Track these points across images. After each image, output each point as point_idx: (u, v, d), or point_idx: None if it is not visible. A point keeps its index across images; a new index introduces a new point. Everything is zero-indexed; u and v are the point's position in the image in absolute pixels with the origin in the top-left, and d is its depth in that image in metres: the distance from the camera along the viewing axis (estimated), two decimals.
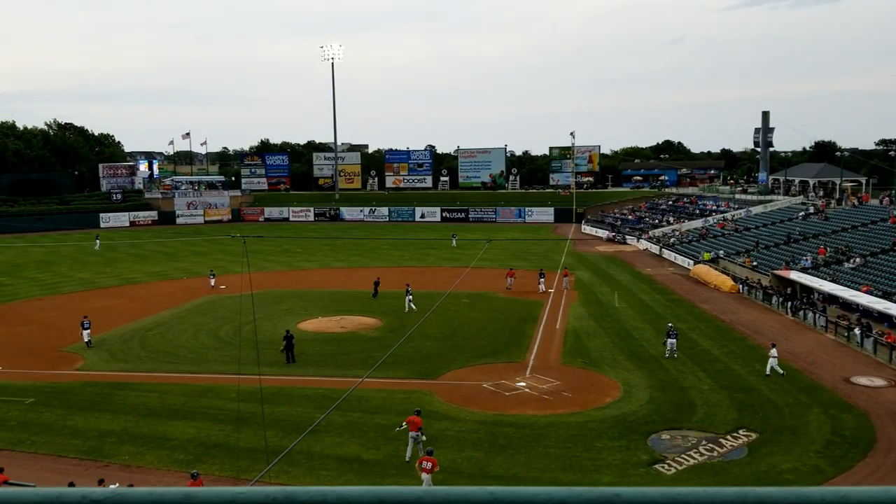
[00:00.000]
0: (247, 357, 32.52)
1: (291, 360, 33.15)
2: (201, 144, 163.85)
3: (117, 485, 18.29)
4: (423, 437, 22.73)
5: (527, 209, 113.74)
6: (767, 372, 30.01)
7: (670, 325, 34.06)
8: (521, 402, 27.64)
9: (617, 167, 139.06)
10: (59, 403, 28.33)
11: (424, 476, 19.79)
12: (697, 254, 63.77)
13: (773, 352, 30.47)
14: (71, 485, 17.95)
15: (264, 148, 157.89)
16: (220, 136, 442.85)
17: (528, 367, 32.49)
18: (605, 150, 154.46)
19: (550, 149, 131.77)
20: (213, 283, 53.59)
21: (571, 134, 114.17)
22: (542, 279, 51.32)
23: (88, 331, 37.14)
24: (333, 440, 23.85)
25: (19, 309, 48.29)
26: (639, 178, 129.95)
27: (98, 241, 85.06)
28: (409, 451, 22.49)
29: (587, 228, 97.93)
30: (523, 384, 29.98)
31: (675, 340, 33.05)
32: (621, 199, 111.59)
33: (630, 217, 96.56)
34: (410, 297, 45.13)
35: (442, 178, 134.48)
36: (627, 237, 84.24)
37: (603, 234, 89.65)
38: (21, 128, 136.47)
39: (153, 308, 47.29)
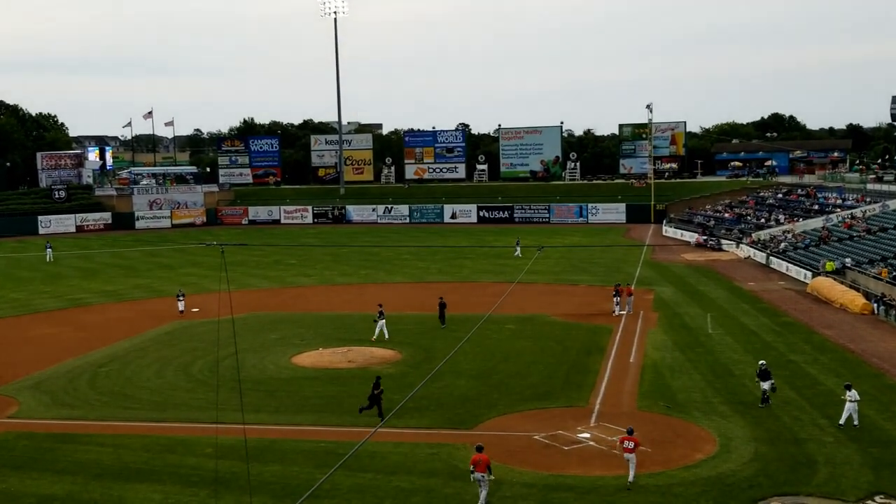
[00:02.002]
0: (227, 401, 32.79)
1: (379, 414, 31.47)
2: (166, 125, 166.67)
3: None
4: (492, 477, 24.11)
5: (590, 206, 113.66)
6: (841, 422, 29.64)
7: (762, 362, 33.63)
8: (584, 460, 27.52)
9: (709, 150, 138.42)
10: None
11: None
12: (817, 263, 63.10)
13: (851, 395, 29.79)
14: None
15: (248, 130, 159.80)
16: (190, 115, 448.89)
17: (593, 414, 32.32)
18: (693, 127, 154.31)
19: (620, 127, 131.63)
20: (181, 308, 54.23)
21: (648, 107, 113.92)
22: (617, 297, 51.30)
23: None
24: None
25: None
26: (738, 163, 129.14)
27: (50, 251, 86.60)
28: (482, 498, 23.77)
29: (670, 230, 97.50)
30: (587, 435, 29.84)
31: (771, 383, 32.53)
32: (715, 192, 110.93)
33: (727, 215, 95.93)
34: (383, 320, 45.49)
35: (479, 167, 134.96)
36: (723, 241, 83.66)
37: (691, 237, 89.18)
38: None
39: (107, 338, 47.97)
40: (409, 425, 30.69)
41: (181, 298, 54.77)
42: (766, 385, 32.42)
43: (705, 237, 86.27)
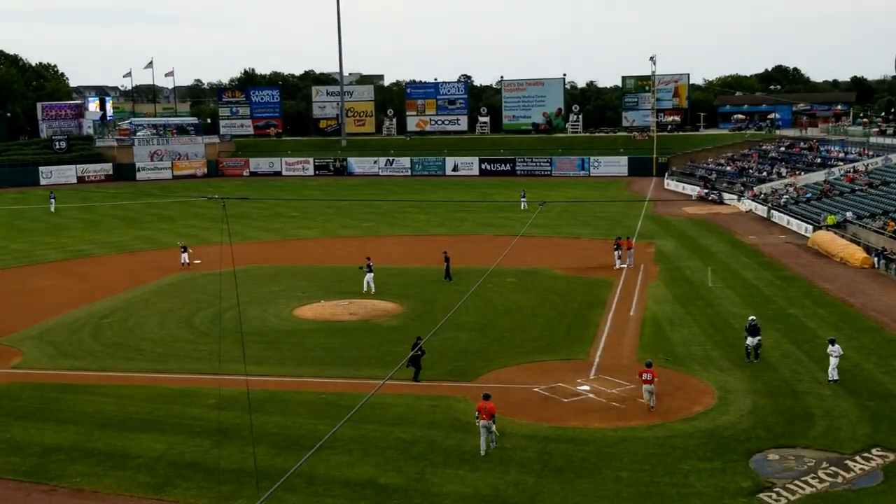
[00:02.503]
0: (229, 352, 32.95)
1: (416, 376, 30.98)
2: (166, 75, 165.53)
3: None
4: (495, 428, 24.43)
5: (592, 159, 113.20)
6: (830, 378, 29.60)
7: (752, 318, 33.56)
8: (583, 412, 27.71)
9: (711, 103, 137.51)
10: None
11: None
12: (819, 217, 62.99)
13: (835, 349, 29.77)
14: None
15: (249, 80, 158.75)
16: (191, 65, 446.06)
17: (592, 367, 32.51)
18: (696, 79, 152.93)
19: (623, 79, 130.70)
20: (185, 261, 54.28)
21: (651, 59, 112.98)
22: (618, 251, 51.31)
23: None
24: (341, 459, 24.19)
25: None
26: (741, 116, 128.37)
27: (53, 202, 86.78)
28: (483, 444, 24.24)
29: (672, 184, 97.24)
30: (587, 388, 30.03)
31: (758, 339, 32.45)
32: (717, 145, 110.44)
33: (729, 168, 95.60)
34: (371, 273, 45.50)
35: (481, 119, 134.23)
36: (725, 195, 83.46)
37: (693, 191, 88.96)
38: None
39: (109, 289, 48.14)
40: (410, 378, 30.82)
41: (184, 251, 54.80)
42: (752, 341, 32.24)
43: (707, 190, 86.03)
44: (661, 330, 37.21)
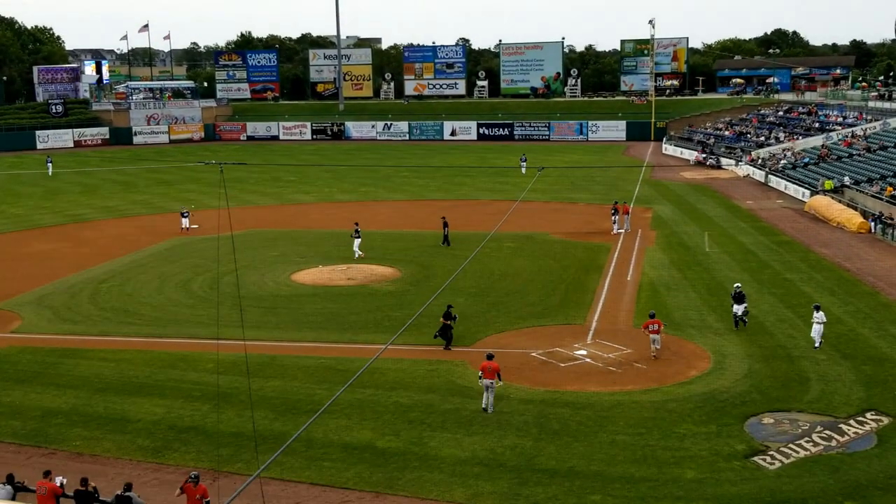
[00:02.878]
0: (227, 317, 33.01)
1: (448, 345, 30.58)
2: (164, 39, 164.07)
3: (65, 479, 18.86)
4: (500, 383, 25.24)
5: (590, 123, 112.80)
6: (816, 344, 29.55)
7: (737, 285, 33.42)
8: (580, 376, 27.82)
9: (710, 67, 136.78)
10: None
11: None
12: (816, 181, 62.91)
13: (818, 316, 29.69)
14: (9, 478, 18.57)
15: (245, 44, 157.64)
16: (187, 28, 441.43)
17: (589, 331, 32.61)
18: (695, 43, 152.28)
19: (622, 43, 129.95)
20: (185, 226, 54.19)
21: (650, 22, 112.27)
22: (616, 216, 51.27)
23: None
24: (339, 423, 24.30)
25: None
26: (739, 80, 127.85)
27: (51, 165, 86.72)
28: (484, 400, 25.01)
29: (670, 148, 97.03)
30: (584, 353, 30.12)
31: (744, 307, 32.14)
32: (715, 110, 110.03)
33: (727, 133, 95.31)
34: (359, 239, 45.44)
35: (479, 83, 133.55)
36: (723, 160, 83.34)
37: (690, 155, 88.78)
38: None
39: (107, 254, 48.12)
40: (408, 342, 30.89)
41: (185, 216, 54.70)
42: (738, 308, 32.03)
43: (705, 155, 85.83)
44: (657, 295, 37.26)
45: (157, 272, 43.56)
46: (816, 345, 29.54)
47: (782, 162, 72.86)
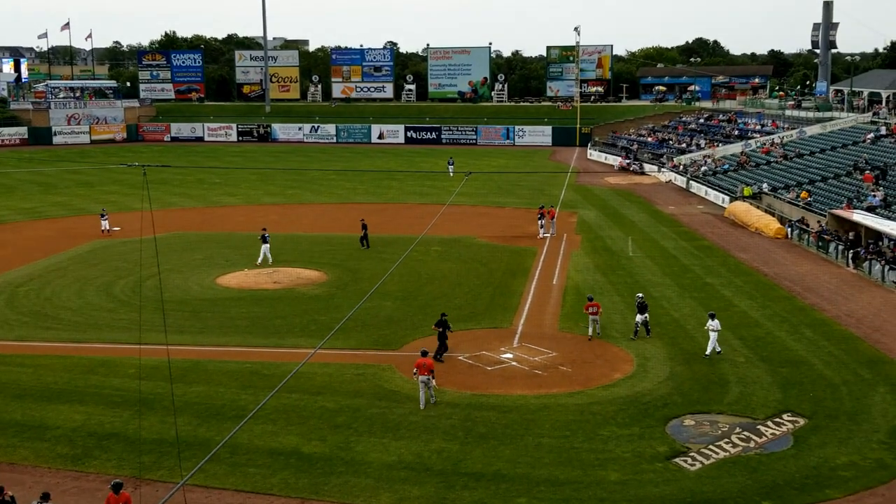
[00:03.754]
0: (150, 321, 32.41)
1: (439, 354, 29.62)
2: (86, 39, 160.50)
3: None
4: (434, 383, 25.84)
5: (517, 128, 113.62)
6: (707, 352, 29.80)
7: (639, 295, 33.53)
8: (506, 380, 27.99)
9: (634, 74, 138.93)
10: None
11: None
12: (735, 188, 64.35)
13: (713, 324, 29.90)
14: None
15: (170, 43, 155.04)
16: (109, 27, 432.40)
17: (516, 335, 32.83)
18: (620, 51, 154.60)
19: (548, 49, 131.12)
20: (105, 227, 52.98)
21: (576, 29, 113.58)
22: (542, 220, 51.72)
23: None
24: (264, 429, 24.02)
25: None
26: (662, 88, 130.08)
27: None
28: (422, 398, 25.56)
29: (594, 154, 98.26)
30: (510, 356, 30.32)
31: (645, 316, 32.11)
32: (639, 116, 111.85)
33: (650, 139, 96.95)
34: (267, 244, 44.51)
35: (407, 87, 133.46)
36: (646, 165, 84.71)
37: (615, 161, 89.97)
38: None
39: (24, 257, 46.78)
40: (336, 346, 30.70)
41: (105, 217, 53.46)
42: (640, 318, 32.01)
43: (629, 161, 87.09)
44: (582, 299, 37.57)
45: (77, 276, 42.51)
46: (707, 352, 29.64)
47: (703, 168, 74.39)
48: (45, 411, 25.50)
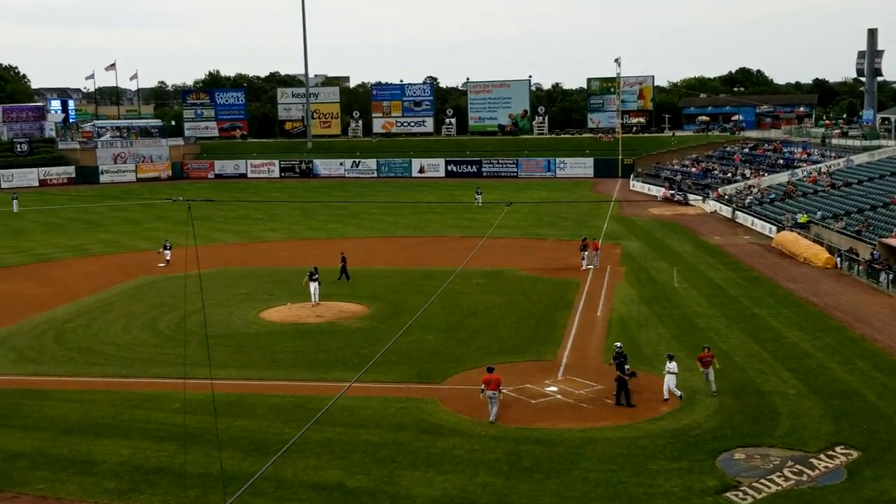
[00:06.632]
0: (194, 356, 32.68)
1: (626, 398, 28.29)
2: (131, 79, 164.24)
3: None
4: (501, 396, 27.11)
5: (558, 160, 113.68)
6: (665, 395, 28.52)
7: (617, 344, 30.77)
8: (551, 413, 27.81)
9: (676, 104, 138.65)
10: None
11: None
12: (782, 217, 63.68)
13: (671, 366, 28.74)
14: None
15: (213, 82, 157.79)
16: (155, 67, 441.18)
17: (560, 367, 32.63)
18: (661, 81, 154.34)
19: (589, 81, 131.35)
20: (167, 258, 54.62)
21: (616, 61, 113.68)
22: (585, 252, 51.54)
23: None
24: (308, 463, 24.06)
25: None
26: (705, 118, 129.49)
27: (16, 202, 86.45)
28: (492, 412, 26.75)
29: (637, 185, 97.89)
30: (554, 389, 30.13)
31: (627, 369, 28.63)
32: (682, 147, 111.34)
33: (694, 170, 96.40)
34: (316, 283, 43.69)
35: (447, 121, 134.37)
36: (690, 196, 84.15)
37: (658, 191, 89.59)
38: None
39: (72, 293, 47.55)
40: (378, 379, 30.75)
41: (167, 249, 54.84)
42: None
43: (672, 192, 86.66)
44: (627, 330, 37.39)
45: (123, 311, 43.11)
46: (666, 396, 28.40)
47: (749, 198, 73.75)
48: (91, 446, 25.77)
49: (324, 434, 25.81)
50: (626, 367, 28.58)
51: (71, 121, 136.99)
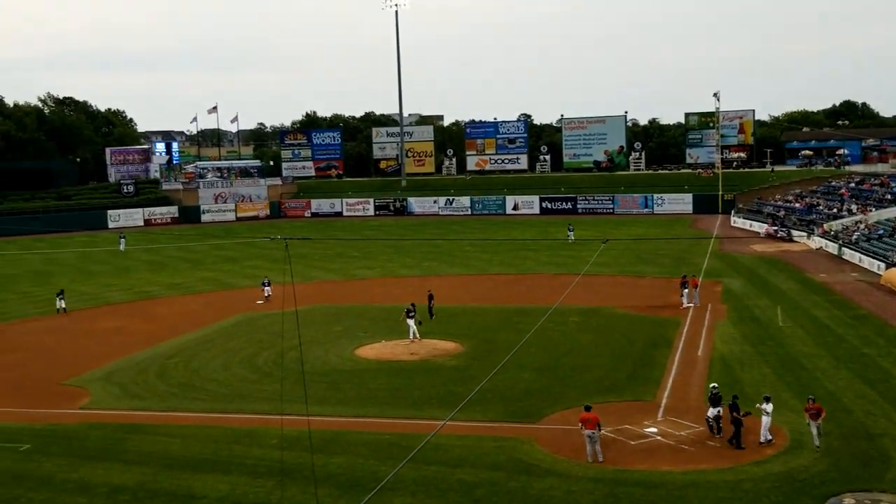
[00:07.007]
0: (291, 392, 33.21)
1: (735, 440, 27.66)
2: (231, 121, 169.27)
3: None
4: (602, 432, 26.93)
5: (656, 196, 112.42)
6: (762, 438, 27.64)
7: (713, 385, 29.87)
8: (651, 454, 27.32)
9: (778, 139, 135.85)
10: (61, 451, 29.61)
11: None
12: (891, 253, 61.54)
13: (767, 407, 27.75)
14: None
15: (310, 123, 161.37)
16: (254, 109, 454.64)
17: (660, 408, 32.07)
18: (762, 115, 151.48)
19: (686, 116, 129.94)
20: (268, 294, 56.62)
21: (715, 95, 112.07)
22: (685, 290, 50.67)
23: None
24: (404, 501, 24.11)
25: (10, 332, 50.79)
26: (808, 152, 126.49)
27: (123, 241, 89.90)
28: (589, 452, 26.59)
29: (738, 221, 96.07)
30: (654, 430, 29.63)
31: (717, 411, 28.54)
32: (785, 182, 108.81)
33: (797, 205, 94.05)
34: (412, 319, 44.22)
35: (541, 158, 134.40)
36: (794, 232, 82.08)
37: (760, 228, 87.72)
38: (10, 104, 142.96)
39: (174, 330, 48.96)
40: (474, 418, 30.70)
41: (267, 286, 56.47)
42: (712, 412, 28.83)
43: (775, 228, 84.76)
44: (730, 370, 36.54)
45: (223, 348, 44.15)
46: (762, 439, 27.62)
47: (856, 234, 71.55)
48: (192, 480, 26.34)
49: (419, 472, 25.85)
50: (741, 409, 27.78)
51: (175, 162, 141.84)
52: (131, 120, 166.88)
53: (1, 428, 32.41)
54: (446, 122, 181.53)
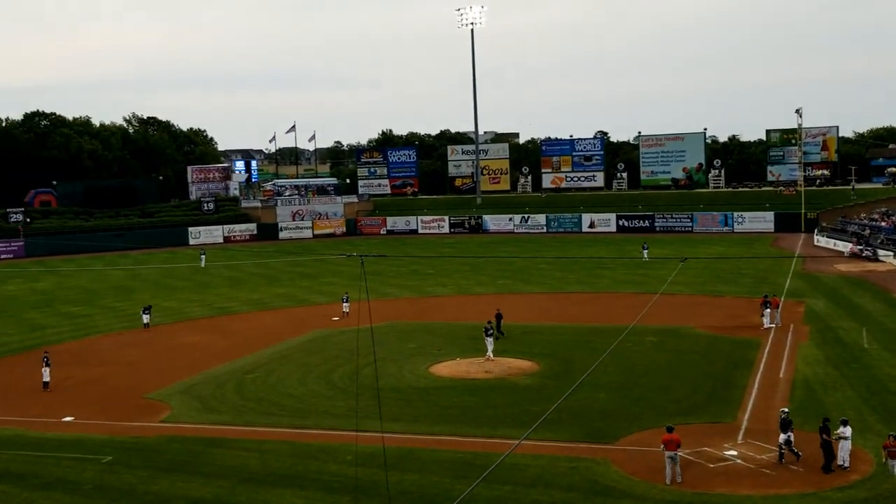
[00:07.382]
0: (366, 409, 33.39)
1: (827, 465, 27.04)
2: (309, 140, 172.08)
3: None
4: (681, 454, 26.60)
5: (735, 214, 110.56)
6: (840, 462, 26.73)
7: (784, 410, 29.32)
8: (730, 478, 26.79)
9: (863, 155, 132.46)
10: (142, 463, 30.27)
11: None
12: None
13: (845, 431, 26.81)
14: None
15: (386, 141, 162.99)
16: (331, 128, 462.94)
17: (740, 430, 31.43)
18: (846, 132, 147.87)
19: (768, 132, 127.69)
20: (346, 310, 57.11)
21: (797, 111, 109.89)
22: (766, 310, 49.62)
23: None
24: None
25: (96, 346, 52.21)
26: (894, 169, 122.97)
27: (203, 258, 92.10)
28: (668, 474, 26.35)
29: (822, 240, 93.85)
30: (734, 453, 29.05)
31: (787, 436, 27.81)
32: (870, 200, 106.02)
33: (883, 224, 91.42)
34: (491, 337, 44.03)
35: (618, 175, 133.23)
36: (880, 251, 79.82)
37: (845, 247, 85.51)
38: (97, 124, 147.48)
39: (252, 345, 49.72)
40: (547, 438, 30.49)
41: (346, 302, 57.45)
42: (782, 437, 28.08)
43: (860, 247, 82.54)
44: (813, 393, 35.65)
45: (299, 363, 44.68)
46: (840, 463, 26.83)
47: None
48: (269, 495, 26.66)
49: (493, 492, 25.75)
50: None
51: (253, 180, 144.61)
52: (212, 139, 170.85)
53: (85, 440, 33.30)
54: (522, 140, 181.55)
